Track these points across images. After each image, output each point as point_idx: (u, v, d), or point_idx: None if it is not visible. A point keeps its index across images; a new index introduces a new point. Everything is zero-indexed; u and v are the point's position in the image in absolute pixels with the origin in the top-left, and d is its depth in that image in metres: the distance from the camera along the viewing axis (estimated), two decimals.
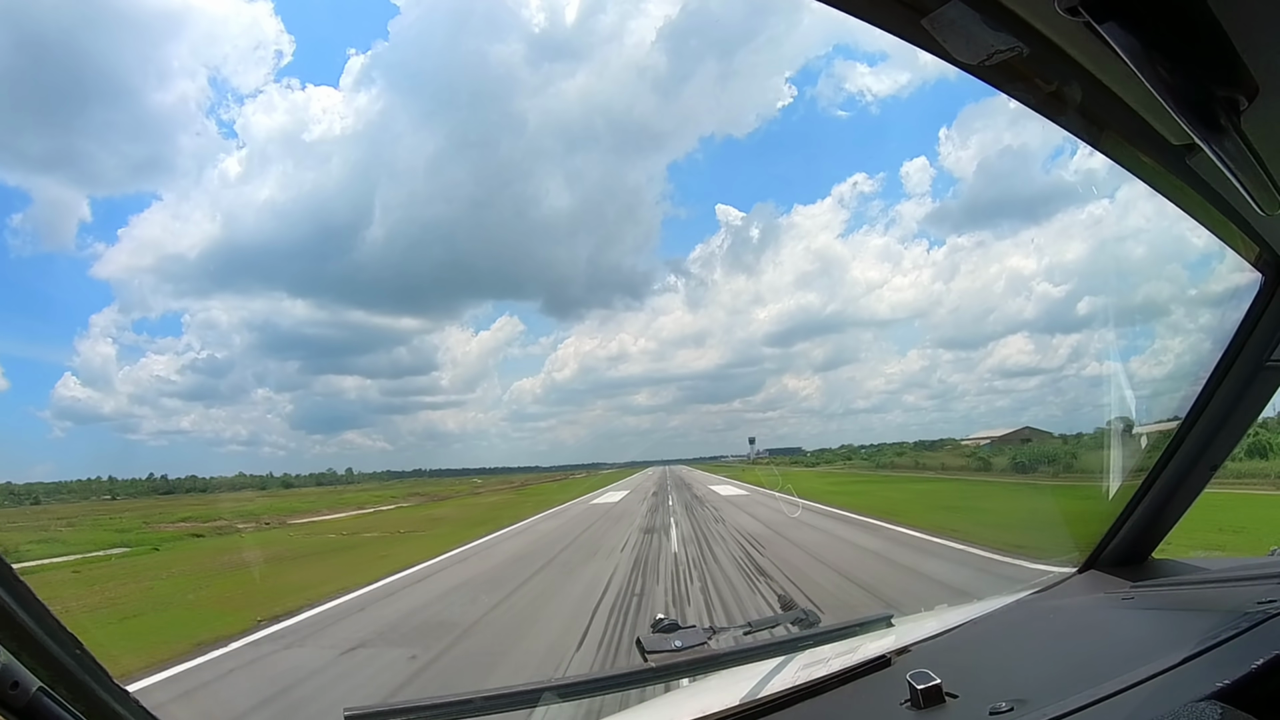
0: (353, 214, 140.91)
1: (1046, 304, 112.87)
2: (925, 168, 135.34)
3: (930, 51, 1.11)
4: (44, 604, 0.96)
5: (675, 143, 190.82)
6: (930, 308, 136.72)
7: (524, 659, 6.82)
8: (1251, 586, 1.90)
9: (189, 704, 6.10)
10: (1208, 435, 2.19)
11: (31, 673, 0.90)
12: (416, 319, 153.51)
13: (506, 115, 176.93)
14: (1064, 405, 49.04)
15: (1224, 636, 1.54)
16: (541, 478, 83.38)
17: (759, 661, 1.91)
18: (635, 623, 7.92)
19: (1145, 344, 2.83)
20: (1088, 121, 1.37)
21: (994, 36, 1.08)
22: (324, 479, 64.19)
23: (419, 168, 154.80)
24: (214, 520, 28.80)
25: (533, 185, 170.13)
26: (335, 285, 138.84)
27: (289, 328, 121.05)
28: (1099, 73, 1.19)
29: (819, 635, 2.04)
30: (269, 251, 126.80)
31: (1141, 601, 2.12)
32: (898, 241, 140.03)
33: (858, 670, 1.78)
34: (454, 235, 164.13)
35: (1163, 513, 2.40)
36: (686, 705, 1.80)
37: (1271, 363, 2.05)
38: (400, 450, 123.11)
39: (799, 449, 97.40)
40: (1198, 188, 1.54)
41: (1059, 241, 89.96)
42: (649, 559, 13.07)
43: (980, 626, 2.13)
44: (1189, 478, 2.29)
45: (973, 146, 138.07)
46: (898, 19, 1.09)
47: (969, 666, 1.79)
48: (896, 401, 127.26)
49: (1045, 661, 1.83)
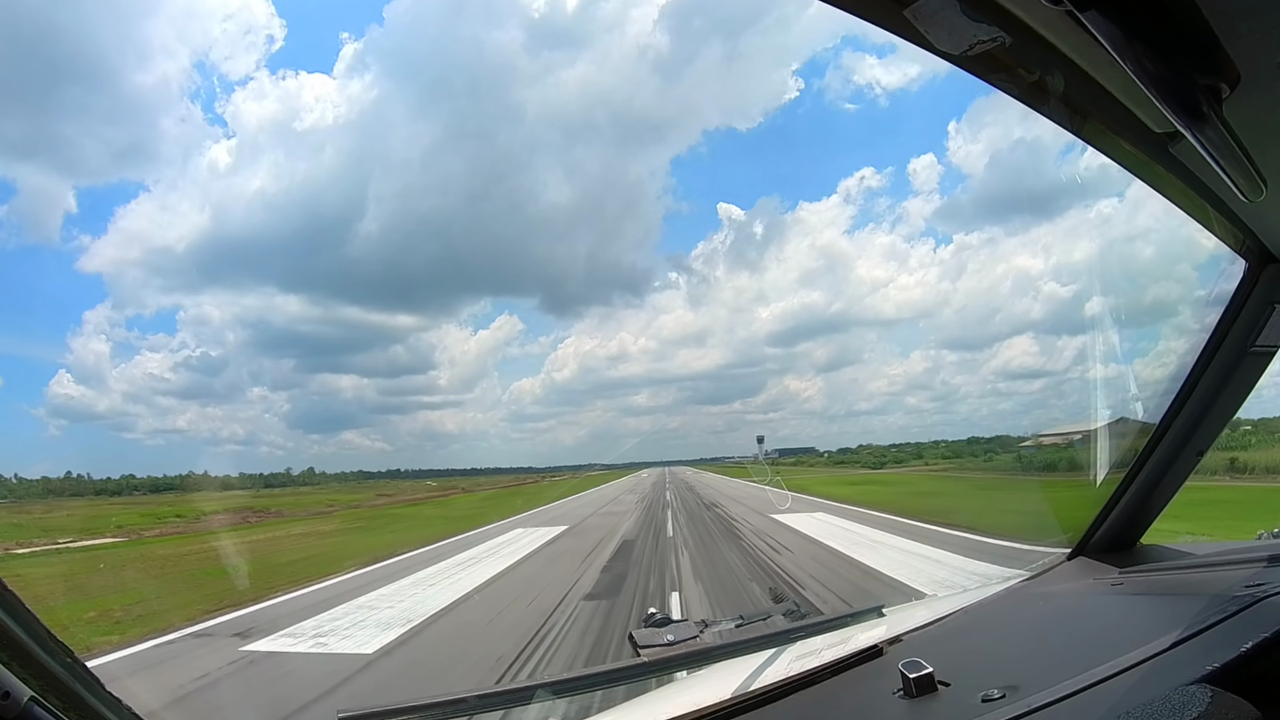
0: (346, 206, 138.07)
1: (1047, 301, 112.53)
2: (933, 164, 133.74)
3: (912, 42, 1.11)
4: (34, 613, 0.95)
5: (678, 135, 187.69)
6: (936, 307, 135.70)
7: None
8: (1239, 570, 1.92)
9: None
10: (1194, 421, 2.21)
11: (23, 682, 0.89)
12: (412, 316, 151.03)
13: (504, 105, 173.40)
14: (1065, 408, 48.73)
15: (1213, 620, 1.55)
16: (522, 479, 79.35)
17: (751, 654, 1.92)
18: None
19: (1130, 332, 2.85)
20: (1070, 111, 1.37)
21: (976, 26, 1.07)
22: (273, 480, 60.35)
23: (414, 159, 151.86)
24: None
25: (531, 178, 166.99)
26: (328, 280, 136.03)
27: (283, 325, 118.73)
28: (1081, 61, 1.19)
29: (811, 627, 2.04)
30: (260, 244, 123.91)
31: (1130, 587, 2.14)
32: (904, 240, 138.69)
33: (850, 660, 1.79)
34: (450, 229, 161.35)
35: (1150, 499, 2.41)
36: (679, 699, 1.81)
37: (1256, 348, 2.07)
38: (400, 450, 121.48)
39: (812, 449, 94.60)
40: (1181, 176, 1.55)
41: (1056, 237, 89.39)
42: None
43: (971, 615, 2.15)
44: (1175, 464, 2.30)
45: (983, 140, 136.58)
46: (879, 10, 1.09)
47: (960, 654, 1.80)
48: (898, 404, 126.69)
49: (1036, 648, 1.85)
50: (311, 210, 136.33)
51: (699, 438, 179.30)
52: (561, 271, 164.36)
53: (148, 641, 8.50)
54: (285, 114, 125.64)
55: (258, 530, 26.03)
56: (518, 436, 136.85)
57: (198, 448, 75.68)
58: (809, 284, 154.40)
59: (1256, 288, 1.98)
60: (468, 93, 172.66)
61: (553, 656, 6.92)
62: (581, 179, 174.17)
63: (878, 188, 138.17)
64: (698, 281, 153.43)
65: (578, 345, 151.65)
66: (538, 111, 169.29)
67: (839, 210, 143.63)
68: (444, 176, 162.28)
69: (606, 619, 8.24)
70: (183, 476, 50.96)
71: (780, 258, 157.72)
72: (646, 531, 18.37)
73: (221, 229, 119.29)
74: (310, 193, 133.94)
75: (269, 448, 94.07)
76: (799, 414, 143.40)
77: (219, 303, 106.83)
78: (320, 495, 49.15)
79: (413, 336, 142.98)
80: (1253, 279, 1.97)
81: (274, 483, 59.07)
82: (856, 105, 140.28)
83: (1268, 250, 1.91)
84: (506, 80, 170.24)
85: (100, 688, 1.03)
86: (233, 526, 27.96)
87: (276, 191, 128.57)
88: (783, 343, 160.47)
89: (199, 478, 49.13)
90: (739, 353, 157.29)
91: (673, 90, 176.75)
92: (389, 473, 77.88)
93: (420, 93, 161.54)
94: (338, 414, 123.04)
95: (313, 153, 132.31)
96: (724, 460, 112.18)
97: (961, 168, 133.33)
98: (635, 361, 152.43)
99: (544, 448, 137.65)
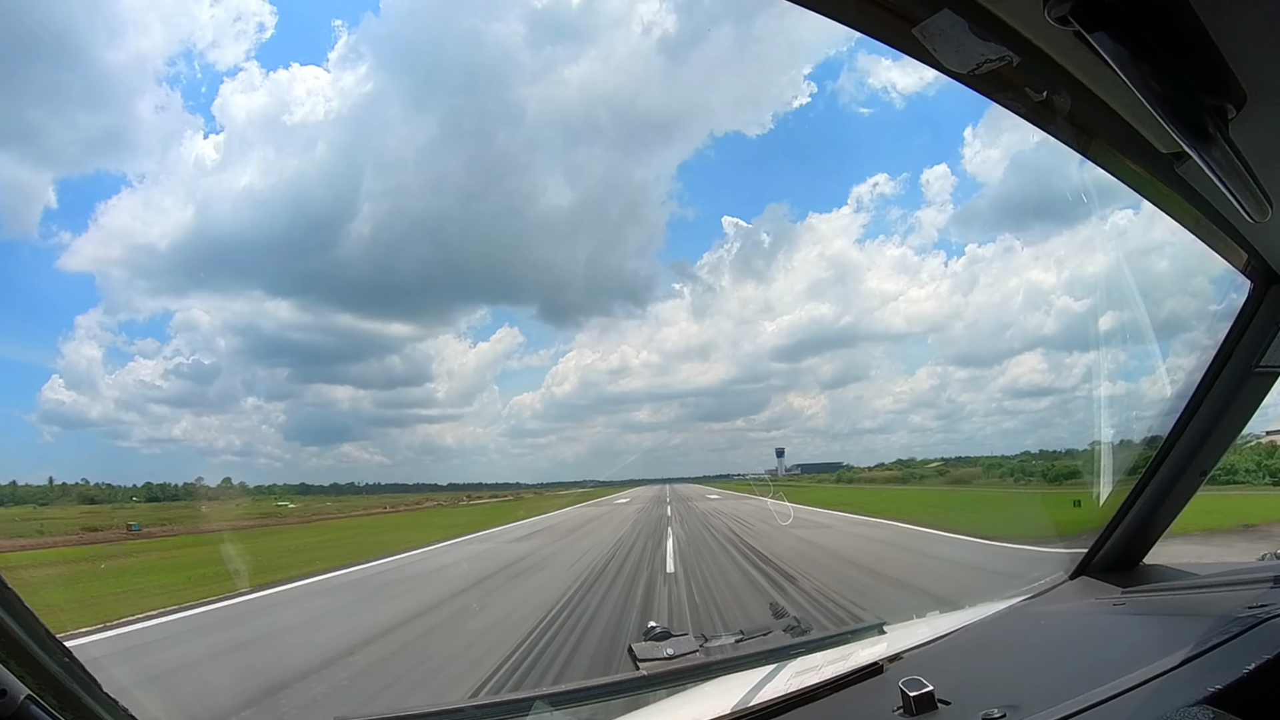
0: (336, 204, 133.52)
1: (1050, 318, 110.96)
2: (946, 175, 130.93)
3: (921, 60, 1.12)
4: (32, 611, 0.95)
5: (684, 139, 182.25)
6: (947, 320, 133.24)
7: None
8: (1242, 591, 1.91)
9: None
10: (1198, 441, 2.20)
11: (19, 680, 0.90)
12: (407, 324, 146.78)
13: (503, 102, 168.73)
14: (1070, 426, 48.26)
15: (1215, 641, 1.54)
16: (499, 493, 74.44)
17: (751, 669, 1.91)
18: None
19: (1135, 349, 2.85)
20: (1077, 130, 1.37)
21: (984, 45, 1.08)
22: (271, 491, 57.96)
23: (408, 157, 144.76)
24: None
25: (530, 180, 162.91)
26: (319, 284, 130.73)
27: (274, 332, 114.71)
28: (1088, 81, 1.19)
29: (811, 642, 2.03)
30: (246, 243, 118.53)
31: (1133, 607, 2.13)
32: (915, 252, 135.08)
33: (850, 677, 1.77)
34: (445, 231, 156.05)
35: (1154, 518, 2.40)
36: (679, 713, 1.80)
37: (1260, 369, 2.06)
38: (399, 464, 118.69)
39: (841, 464, 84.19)
40: (1187, 196, 1.55)
41: (1068, 251, 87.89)
42: None
43: (972, 633, 2.13)
44: (1180, 483, 2.30)
45: (1000, 146, 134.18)
46: (889, 29, 1.10)
47: (961, 673, 1.79)
48: (902, 421, 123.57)
49: (1037, 668, 1.83)
50: (300, 208, 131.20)
51: (700, 455, 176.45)
52: (561, 278, 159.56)
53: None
54: (275, 107, 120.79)
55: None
56: (518, 451, 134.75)
57: (194, 457, 74.41)
58: (817, 296, 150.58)
59: (1261, 308, 1.98)
60: (465, 88, 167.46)
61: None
62: (583, 181, 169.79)
63: (891, 195, 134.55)
64: (702, 291, 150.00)
65: (579, 359, 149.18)
66: (538, 110, 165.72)
67: (850, 219, 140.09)
68: (439, 175, 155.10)
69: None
70: (214, 485, 48.32)
71: (788, 267, 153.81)
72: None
73: (206, 226, 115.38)
74: (299, 189, 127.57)
75: (266, 459, 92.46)
76: (801, 432, 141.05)
77: (208, 307, 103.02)
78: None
79: (408, 346, 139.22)
80: (1258, 299, 1.98)
81: (272, 493, 56.66)
82: (871, 109, 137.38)
83: (1273, 271, 1.91)
84: (506, 76, 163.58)
85: (97, 687, 1.03)
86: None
87: (264, 188, 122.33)
88: (788, 357, 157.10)
89: (229, 487, 47.46)
90: (743, 367, 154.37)
91: (679, 90, 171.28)
92: (389, 486, 75.97)
93: (416, 87, 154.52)
94: (334, 426, 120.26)
95: (303, 149, 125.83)
96: (733, 477, 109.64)
97: (977, 176, 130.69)
98: (637, 376, 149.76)
99: (545, 463, 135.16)
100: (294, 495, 56.31)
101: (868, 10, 1.08)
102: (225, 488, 52.11)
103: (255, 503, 46.95)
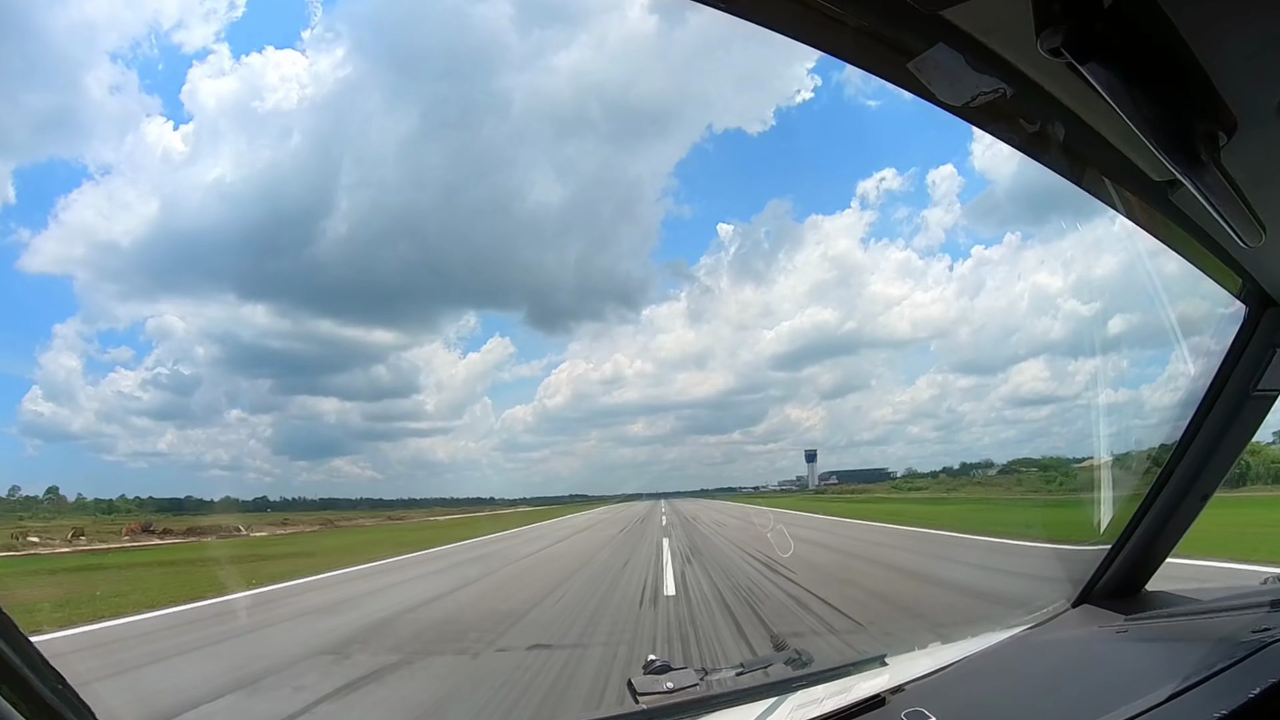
0: (311, 199, 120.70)
1: (1046, 333, 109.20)
2: (954, 171, 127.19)
3: (916, 94, 1.13)
4: (27, 637, 0.95)
5: (681, 133, 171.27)
6: (952, 326, 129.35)
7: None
8: (1245, 615, 1.90)
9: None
10: (1198, 465, 2.20)
11: (13, 706, 0.89)
12: (390, 331, 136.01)
13: (489, 91, 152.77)
14: (1070, 444, 47.82)
15: (1220, 667, 1.53)
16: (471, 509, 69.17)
17: (752, 703, 1.87)
18: None
19: (1131, 375, 2.87)
20: (1071, 159, 1.39)
21: (978, 79, 1.10)
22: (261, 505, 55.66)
23: (387, 149, 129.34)
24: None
25: (517, 175, 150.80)
26: (294, 286, 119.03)
27: (251, 339, 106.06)
28: (1081, 111, 1.21)
29: (812, 675, 2.00)
30: (218, 242, 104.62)
31: (1136, 634, 2.11)
32: (920, 254, 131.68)
33: (852, 710, 1.74)
34: (426, 229, 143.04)
35: (1155, 544, 2.39)
36: None
37: (1258, 392, 2.07)
38: (391, 479, 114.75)
39: (885, 470, 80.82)
40: (1180, 222, 1.57)
41: (1071, 259, 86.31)
42: None
43: (974, 663, 2.11)
44: (1180, 509, 2.29)
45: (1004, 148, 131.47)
46: (884, 63, 1.11)
47: (964, 704, 1.76)
48: (900, 433, 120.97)
49: (1040, 697, 1.81)
50: (273, 202, 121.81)
51: (697, 469, 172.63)
52: (551, 280, 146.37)
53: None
54: (247, 93, 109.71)
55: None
56: (511, 466, 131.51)
57: (181, 471, 71.76)
58: (820, 299, 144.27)
59: (1257, 332, 1.99)
60: (449, 74, 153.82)
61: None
62: (574, 177, 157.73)
63: (898, 190, 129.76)
64: (700, 294, 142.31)
65: (571, 369, 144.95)
66: (526, 99, 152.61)
67: (854, 218, 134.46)
68: (420, 168, 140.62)
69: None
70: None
71: (790, 269, 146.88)
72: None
73: (173, 220, 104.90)
74: (271, 181, 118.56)
75: (255, 474, 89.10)
76: (798, 444, 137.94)
77: (181, 312, 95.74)
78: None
79: (393, 355, 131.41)
80: (1254, 323, 1.99)
81: (261, 507, 55.65)
82: (879, 100, 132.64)
83: (1268, 295, 1.93)
84: (492, 62, 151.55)
85: (92, 717, 1.02)
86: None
87: (235, 180, 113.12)
88: (788, 366, 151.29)
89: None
90: (741, 376, 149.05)
91: (675, 81, 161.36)
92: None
93: (396, 73, 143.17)
94: (323, 440, 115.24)
95: (276, 138, 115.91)
96: (737, 490, 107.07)
97: (986, 172, 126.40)
98: (631, 386, 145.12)
99: (538, 478, 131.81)
100: (289, 512, 55.35)
101: (865, 45, 1.09)
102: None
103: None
